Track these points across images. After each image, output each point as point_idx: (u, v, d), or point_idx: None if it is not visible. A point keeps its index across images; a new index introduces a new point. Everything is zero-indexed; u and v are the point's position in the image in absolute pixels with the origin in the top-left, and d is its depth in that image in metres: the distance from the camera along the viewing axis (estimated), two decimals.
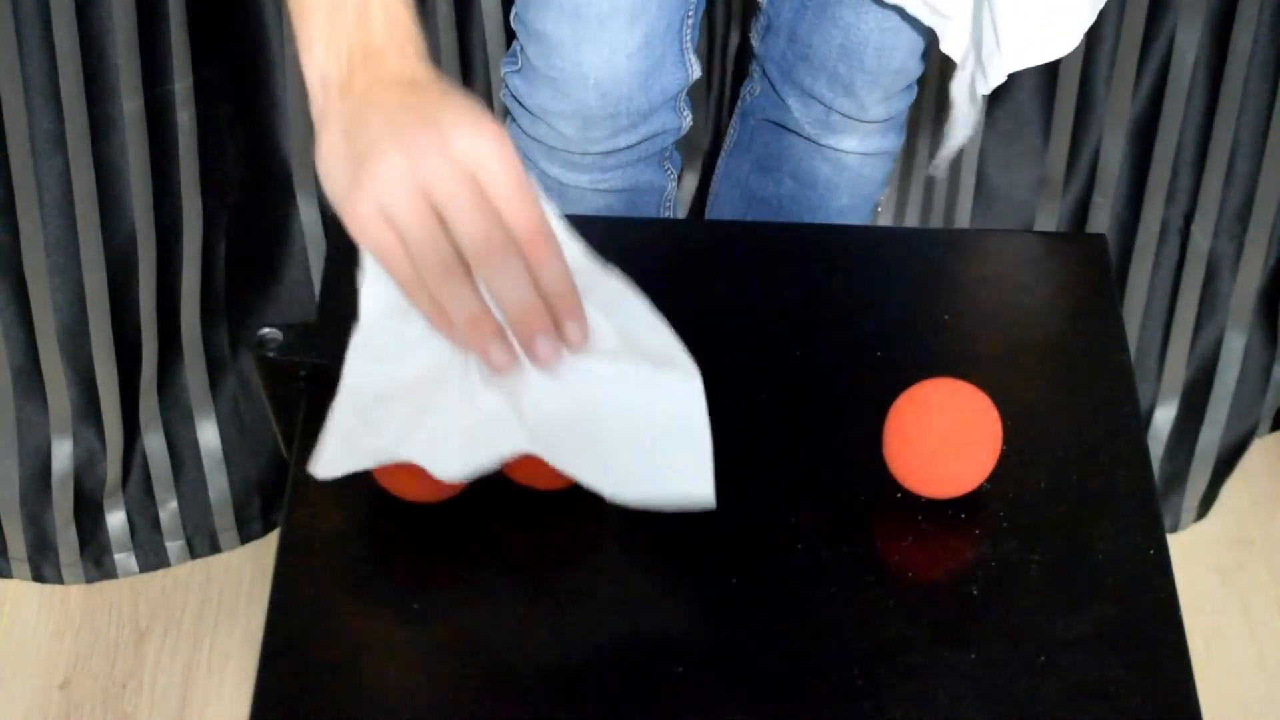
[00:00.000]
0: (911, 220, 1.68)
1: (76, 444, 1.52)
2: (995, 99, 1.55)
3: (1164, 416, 1.64)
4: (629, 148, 1.29)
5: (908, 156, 1.64)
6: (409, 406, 0.82)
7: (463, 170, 0.81)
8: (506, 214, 0.82)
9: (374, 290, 0.86)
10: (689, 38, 1.26)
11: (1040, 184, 1.58)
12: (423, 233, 0.81)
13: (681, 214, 1.67)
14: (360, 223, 0.82)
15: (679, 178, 1.41)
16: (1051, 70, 1.50)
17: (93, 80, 1.32)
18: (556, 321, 0.82)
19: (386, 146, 0.81)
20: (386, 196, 0.81)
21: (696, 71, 1.28)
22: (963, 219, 1.64)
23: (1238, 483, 1.72)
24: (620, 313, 0.84)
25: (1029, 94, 1.53)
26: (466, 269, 0.82)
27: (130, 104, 1.34)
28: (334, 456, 0.82)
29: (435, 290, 0.82)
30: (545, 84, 1.24)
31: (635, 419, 0.82)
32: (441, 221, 0.81)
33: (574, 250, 0.85)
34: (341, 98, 0.84)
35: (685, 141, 1.36)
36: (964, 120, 1.11)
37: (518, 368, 0.81)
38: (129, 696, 1.53)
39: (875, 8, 1.25)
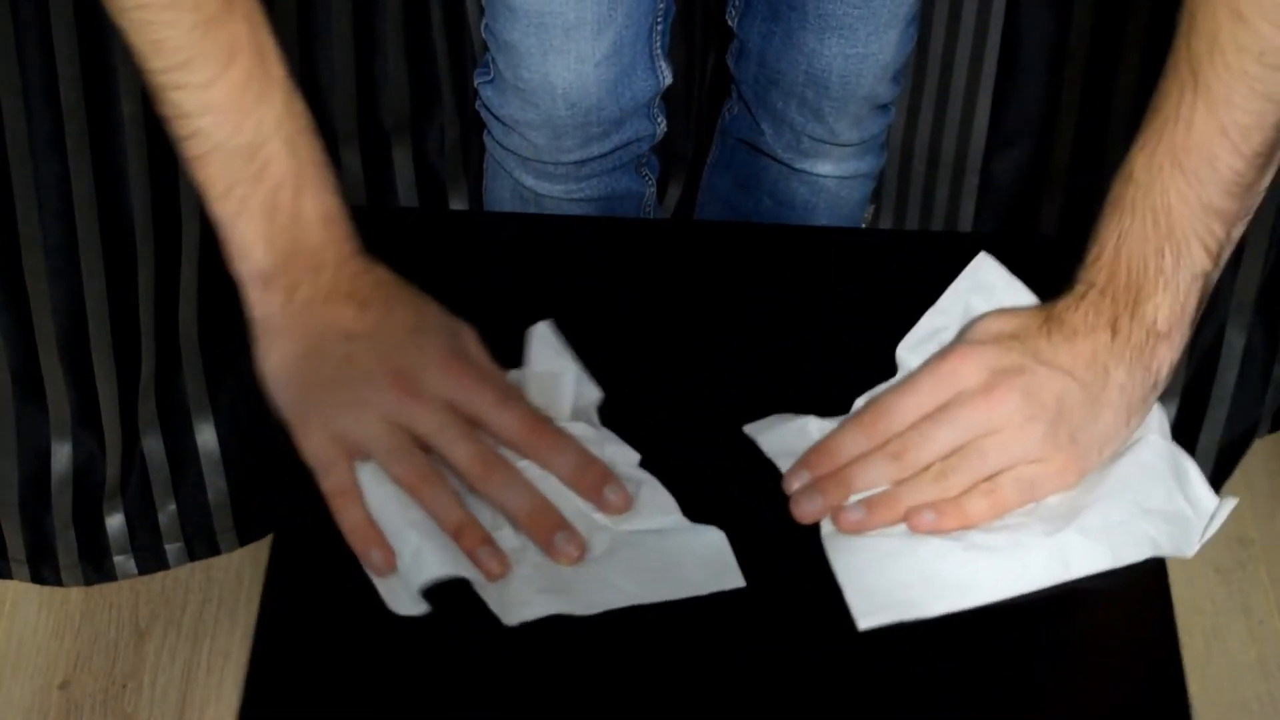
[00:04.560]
0: (912, 222, 1.68)
1: (76, 447, 1.52)
2: (999, 98, 1.55)
3: None
4: (602, 156, 1.29)
5: (906, 157, 1.64)
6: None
7: (441, 404, 0.83)
8: (499, 427, 0.84)
9: None
10: (659, 44, 1.26)
11: (1044, 181, 1.57)
12: (397, 450, 0.82)
13: (667, 214, 1.67)
14: (325, 452, 0.83)
15: (657, 184, 1.41)
16: (1056, 64, 1.50)
17: (92, 83, 1.32)
18: (593, 494, 0.84)
19: (356, 391, 0.83)
20: (357, 432, 0.83)
21: (668, 78, 1.28)
22: (965, 218, 1.63)
23: (1238, 483, 1.72)
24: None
25: (1034, 89, 1.53)
26: (442, 475, 0.83)
27: (129, 107, 1.34)
28: (401, 598, 0.81)
29: (423, 503, 0.83)
30: (514, 94, 1.24)
31: (658, 545, 0.84)
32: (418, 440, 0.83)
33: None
34: (286, 301, 0.85)
35: (668, 150, 1.36)
36: None
37: (510, 571, 0.82)
38: (129, 696, 1.53)
39: (838, 34, 1.24)
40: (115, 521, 1.58)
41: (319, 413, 0.83)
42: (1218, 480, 1.68)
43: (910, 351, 0.91)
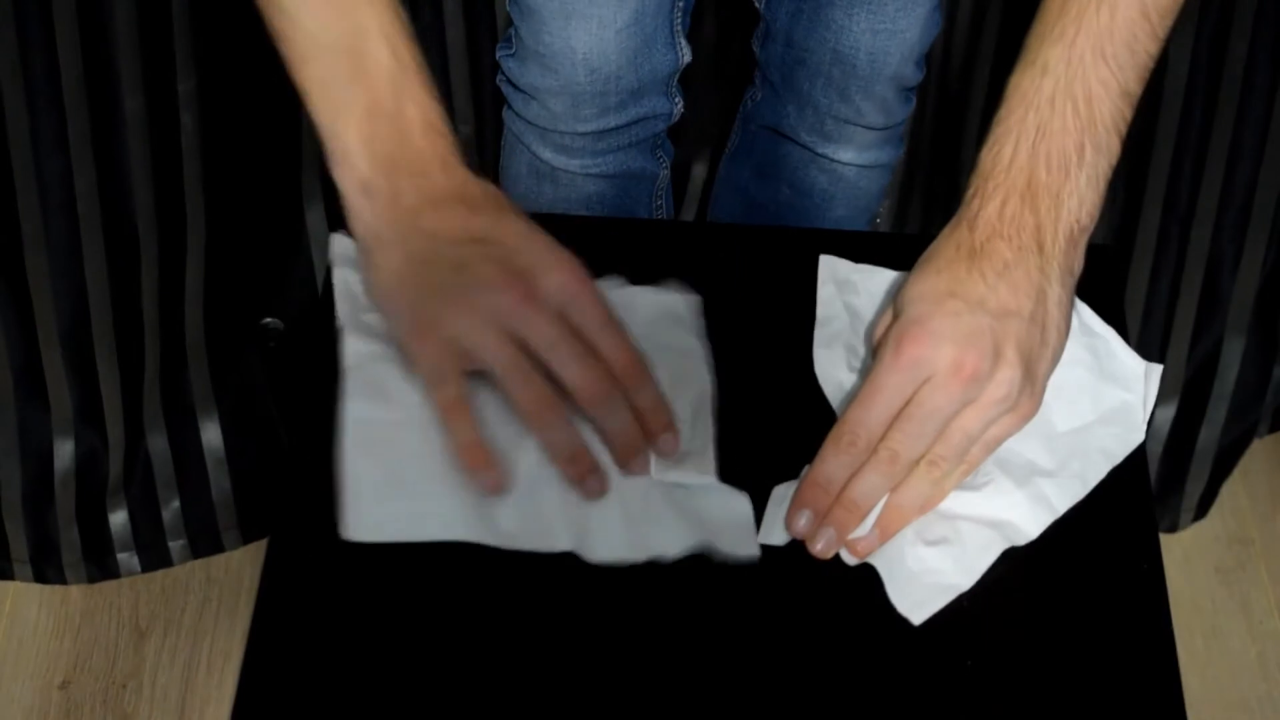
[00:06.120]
0: (913, 227, 1.68)
1: (78, 444, 1.52)
2: (995, 93, 1.55)
3: (1164, 416, 1.64)
4: (619, 129, 1.30)
5: (910, 161, 1.64)
6: (448, 479, 0.83)
7: (555, 315, 0.82)
8: (603, 349, 0.83)
9: (355, 335, 0.87)
10: (679, 21, 1.27)
11: None
12: (519, 373, 0.82)
13: (691, 203, 1.67)
14: (438, 363, 0.82)
15: (679, 164, 1.41)
16: None
17: (94, 80, 1.32)
18: (650, 435, 0.84)
19: (472, 297, 0.81)
20: (473, 342, 0.81)
21: (687, 55, 1.29)
22: None
23: (1238, 483, 1.72)
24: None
25: None
26: (561, 403, 0.83)
27: (132, 103, 1.34)
28: (373, 521, 0.82)
29: (537, 429, 0.83)
30: (535, 61, 1.25)
31: (684, 503, 0.85)
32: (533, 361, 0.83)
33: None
34: (390, 209, 0.83)
35: (694, 129, 1.36)
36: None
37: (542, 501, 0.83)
38: (129, 696, 1.53)
39: (866, 8, 1.25)
40: (119, 519, 1.58)
41: (433, 321, 0.82)
42: (1217, 480, 1.68)
43: (827, 369, 0.91)
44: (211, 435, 1.56)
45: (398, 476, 0.83)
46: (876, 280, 0.93)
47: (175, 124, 1.37)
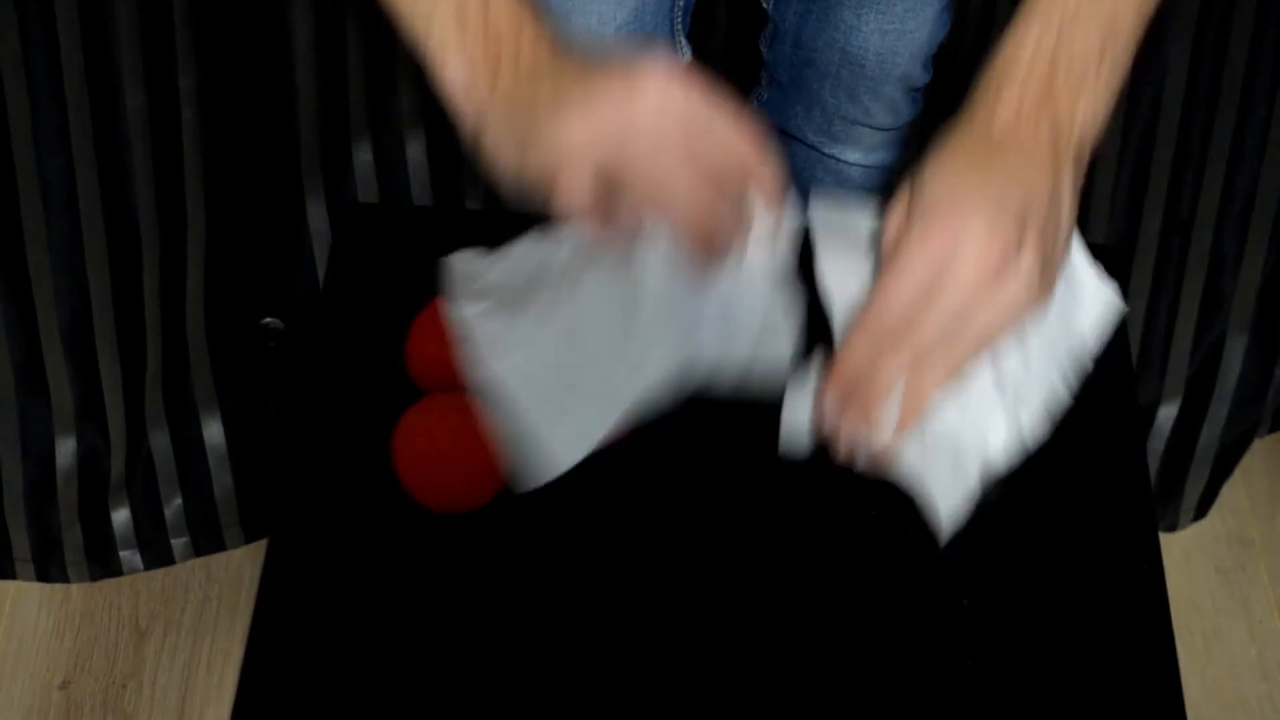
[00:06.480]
0: None
1: (80, 442, 1.52)
2: None
3: (1165, 415, 1.64)
4: None
5: (915, 164, 1.64)
6: (578, 385, 0.84)
7: (656, 111, 0.81)
8: (714, 136, 0.83)
9: (463, 302, 0.88)
10: (680, 21, 1.27)
11: None
12: (633, 156, 0.81)
13: None
14: (550, 167, 0.82)
15: None
16: None
17: (96, 77, 1.32)
18: (774, 203, 0.85)
19: (573, 113, 0.81)
20: (579, 141, 0.81)
21: (687, 55, 1.29)
22: None
23: (1238, 483, 1.72)
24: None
25: None
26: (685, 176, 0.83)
27: (134, 100, 1.34)
28: (551, 459, 0.82)
29: (663, 206, 0.82)
30: None
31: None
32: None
33: None
34: (489, 95, 0.84)
35: None
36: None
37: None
38: (129, 696, 1.53)
39: (874, 8, 1.25)
40: (121, 516, 1.58)
41: (538, 144, 0.82)
42: (1217, 480, 1.68)
43: (830, 277, 0.91)
44: (214, 432, 1.56)
45: (542, 412, 0.83)
46: (866, 218, 0.93)
47: (177, 121, 1.37)
